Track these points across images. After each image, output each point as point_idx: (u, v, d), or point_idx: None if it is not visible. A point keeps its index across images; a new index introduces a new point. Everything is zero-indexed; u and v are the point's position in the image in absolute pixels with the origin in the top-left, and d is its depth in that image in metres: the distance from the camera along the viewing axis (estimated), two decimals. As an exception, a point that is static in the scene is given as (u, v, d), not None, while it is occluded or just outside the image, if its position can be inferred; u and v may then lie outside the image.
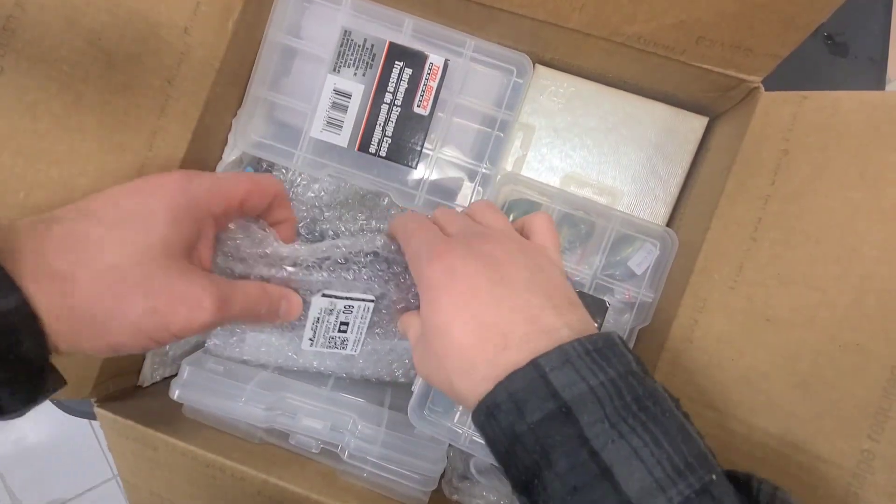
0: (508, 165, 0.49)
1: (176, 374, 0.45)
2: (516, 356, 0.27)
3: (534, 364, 0.26)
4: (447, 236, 0.34)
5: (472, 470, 0.47)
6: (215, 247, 0.37)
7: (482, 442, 0.35)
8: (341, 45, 0.46)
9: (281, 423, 0.44)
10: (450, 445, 0.47)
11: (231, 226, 0.38)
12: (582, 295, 0.45)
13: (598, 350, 0.27)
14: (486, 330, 0.28)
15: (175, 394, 0.43)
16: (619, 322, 0.47)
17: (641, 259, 0.47)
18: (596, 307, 0.45)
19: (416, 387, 0.45)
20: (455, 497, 0.47)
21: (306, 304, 0.41)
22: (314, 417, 0.44)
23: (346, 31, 0.46)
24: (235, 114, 0.48)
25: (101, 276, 0.29)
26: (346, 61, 0.46)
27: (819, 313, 0.33)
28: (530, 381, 0.26)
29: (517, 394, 0.26)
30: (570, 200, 0.47)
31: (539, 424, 0.26)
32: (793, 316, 0.34)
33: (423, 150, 0.47)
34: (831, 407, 0.31)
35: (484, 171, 0.48)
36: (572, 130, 0.49)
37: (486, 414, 0.27)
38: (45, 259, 0.28)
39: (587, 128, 0.48)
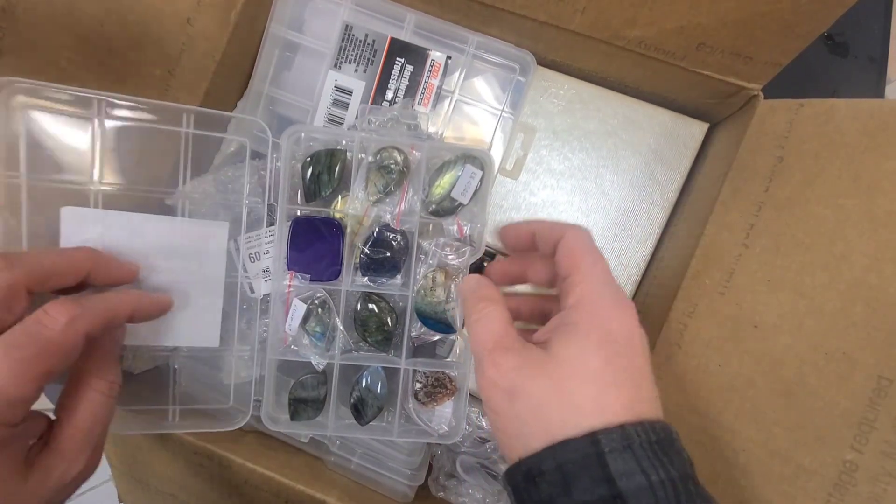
0: (508, 165, 0.49)
1: (155, 367, 0.44)
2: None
3: (592, 439, 0.24)
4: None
5: (459, 469, 0.46)
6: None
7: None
8: (342, 41, 0.46)
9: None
10: (437, 444, 0.47)
11: None
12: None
13: (659, 442, 0.24)
14: None
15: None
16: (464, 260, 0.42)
17: (465, 184, 0.41)
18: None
19: (268, 390, 0.41)
20: (441, 495, 0.47)
21: None
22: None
23: (347, 26, 0.46)
24: (235, 105, 0.48)
25: None
26: (346, 57, 0.46)
27: (806, 321, 0.32)
28: (584, 456, 0.24)
29: (567, 466, 0.24)
30: (373, 143, 0.41)
31: None
32: (780, 323, 0.34)
33: (422, 148, 0.47)
34: (815, 416, 0.31)
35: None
36: (572, 133, 0.48)
37: (526, 477, 0.25)
38: None
39: (587, 130, 0.48)
